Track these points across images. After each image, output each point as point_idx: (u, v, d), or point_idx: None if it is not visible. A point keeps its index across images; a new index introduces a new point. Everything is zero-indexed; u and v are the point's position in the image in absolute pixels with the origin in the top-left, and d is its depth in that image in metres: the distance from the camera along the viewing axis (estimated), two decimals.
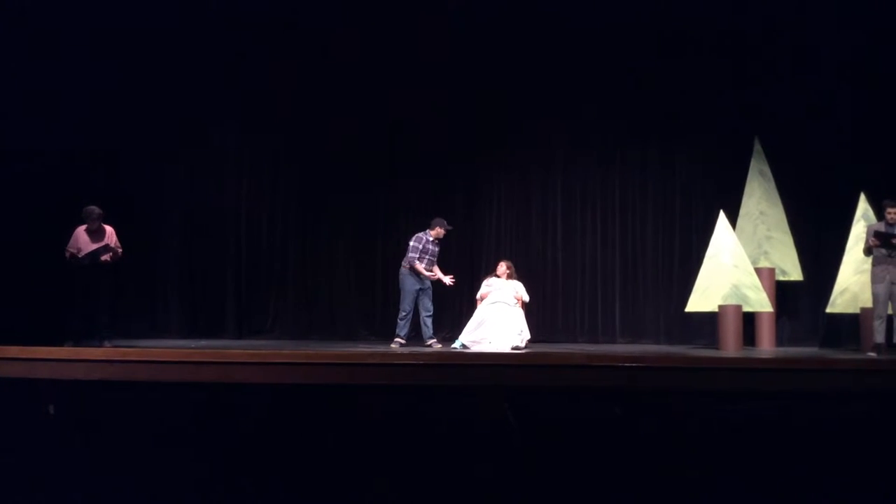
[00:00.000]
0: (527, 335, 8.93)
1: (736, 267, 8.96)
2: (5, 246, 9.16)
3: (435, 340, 9.14)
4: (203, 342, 9.61)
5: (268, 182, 10.94)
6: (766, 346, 9.32)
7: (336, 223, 10.80)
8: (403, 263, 9.16)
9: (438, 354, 8.08)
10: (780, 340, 9.54)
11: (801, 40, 9.70)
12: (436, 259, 9.24)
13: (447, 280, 9.22)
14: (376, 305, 10.70)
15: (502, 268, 9.30)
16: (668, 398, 5.89)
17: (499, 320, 8.75)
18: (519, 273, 9.46)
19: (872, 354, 7.99)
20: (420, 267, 9.03)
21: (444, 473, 5.18)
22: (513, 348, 8.60)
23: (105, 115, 10.14)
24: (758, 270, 9.23)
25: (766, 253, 9.53)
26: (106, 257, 8.22)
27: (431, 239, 9.17)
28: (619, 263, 10.60)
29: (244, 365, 6.30)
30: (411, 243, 9.13)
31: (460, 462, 5.23)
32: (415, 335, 9.29)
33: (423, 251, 9.10)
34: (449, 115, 10.64)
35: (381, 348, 8.61)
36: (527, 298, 9.33)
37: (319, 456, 5.38)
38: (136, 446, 5.40)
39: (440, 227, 9.18)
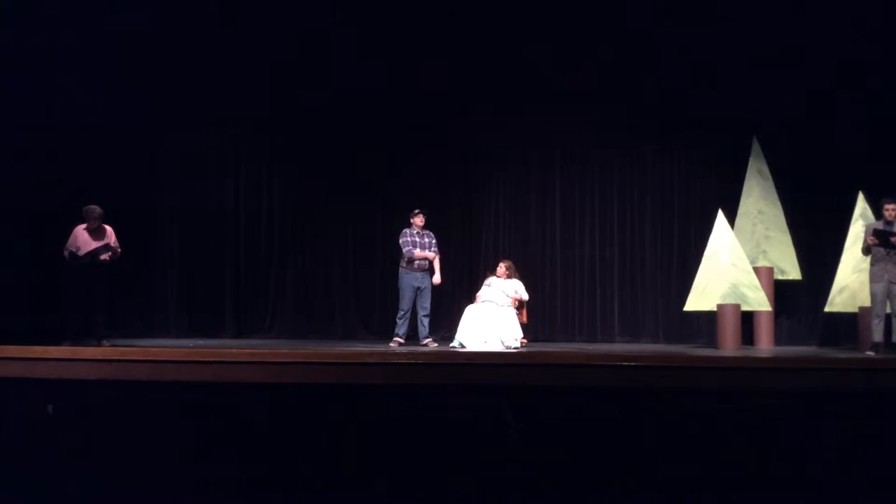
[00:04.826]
0: (519, 334, 8.95)
1: (734, 266, 8.97)
2: (4, 246, 9.17)
3: (431, 339, 9.18)
4: (201, 341, 9.61)
5: (266, 181, 10.94)
6: (765, 345, 9.33)
7: (335, 223, 10.79)
8: (401, 263, 9.25)
9: (437, 354, 8.08)
10: (778, 339, 9.54)
11: (800, 40, 9.70)
12: (427, 250, 9.25)
13: (437, 277, 9.26)
14: (375, 305, 10.70)
15: (501, 268, 9.38)
16: (666, 397, 5.90)
17: (488, 320, 8.79)
18: (518, 272, 9.48)
19: (871, 353, 7.98)
20: (419, 253, 9.13)
21: (442, 472, 5.18)
22: (507, 347, 8.63)
23: (104, 114, 10.15)
24: (756, 269, 9.25)
25: (764, 252, 9.55)
26: (105, 256, 8.22)
27: (416, 231, 9.25)
28: (618, 262, 10.61)
29: (243, 364, 6.30)
30: (399, 241, 9.23)
31: (459, 461, 5.23)
32: (413, 335, 9.31)
33: (413, 245, 9.19)
34: (449, 114, 10.65)
35: (379, 347, 8.61)
36: (526, 297, 9.36)
37: (318, 455, 5.38)
38: (134, 445, 5.40)
39: (413, 217, 9.27)
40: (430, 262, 9.25)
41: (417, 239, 9.23)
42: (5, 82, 9.30)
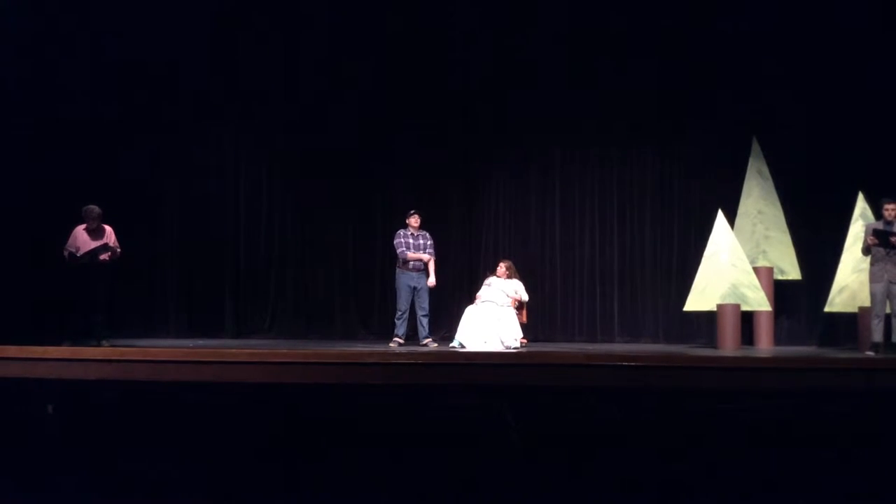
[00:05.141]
0: (519, 334, 8.95)
1: (734, 266, 8.97)
2: (4, 246, 9.17)
3: (431, 339, 9.18)
4: (201, 341, 9.60)
5: (266, 181, 10.94)
6: (765, 345, 9.32)
7: (335, 222, 10.80)
8: (397, 263, 9.28)
9: (437, 354, 8.08)
10: (778, 339, 9.53)
11: (799, 40, 9.71)
12: (422, 251, 9.24)
13: (432, 279, 9.25)
14: (375, 305, 10.70)
15: (501, 268, 9.37)
16: (666, 397, 5.90)
17: (488, 320, 8.80)
18: (518, 272, 9.48)
19: (870, 353, 7.99)
20: (412, 254, 9.13)
21: (442, 472, 5.17)
22: (507, 347, 8.63)
23: (103, 115, 10.15)
24: (756, 269, 9.24)
25: (764, 252, 9.54)
26: (105, 256, 8.22)
27: (410, 232, 9.26)
28: (618, 262, 10.61)
29: (243, 364, 6.30)
30: (394, 242, 9.26)
31: (459, 461, 5.23)
32: (413, 335, 9.31)
33: (407, 246, 9.20)
34: (448, 114, 10.65)
35: (379, 348, 8.61)
36: (526, 298, 9.36)
37: (318, 456, 5.38)
38: (134, 445, 5.40)
39: (408, 218, 9.29)
40: (425, 263, 9.25)
41: (411, 240, 9.23)
42: (6, 81, 9.31)
